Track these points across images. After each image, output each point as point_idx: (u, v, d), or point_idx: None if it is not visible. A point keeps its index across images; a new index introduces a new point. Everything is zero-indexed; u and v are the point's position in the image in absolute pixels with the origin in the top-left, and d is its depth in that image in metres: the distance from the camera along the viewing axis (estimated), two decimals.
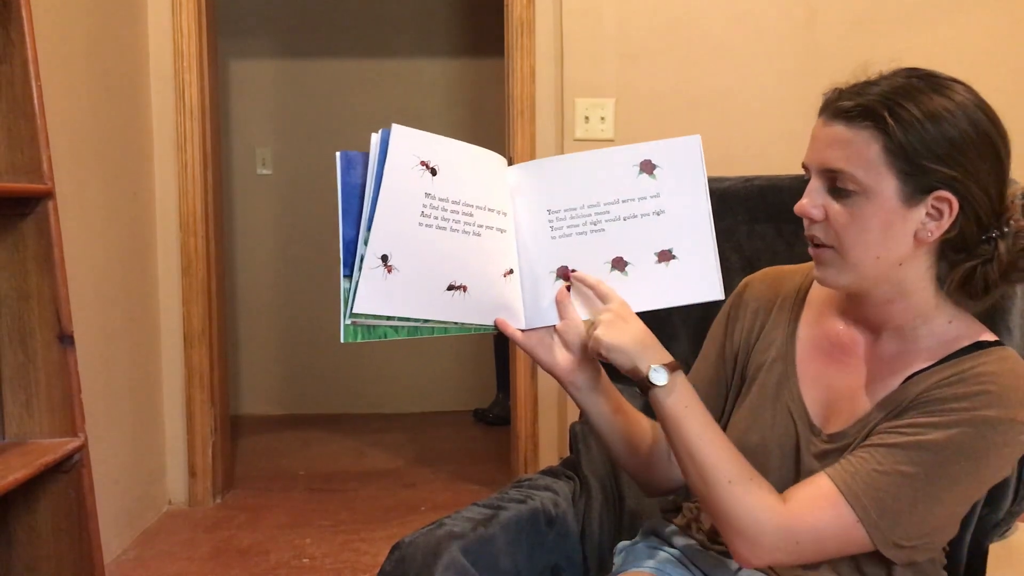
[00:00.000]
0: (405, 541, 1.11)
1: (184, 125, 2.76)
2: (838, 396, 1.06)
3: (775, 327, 1.14)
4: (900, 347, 1.03)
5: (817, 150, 0.98)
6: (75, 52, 2.30)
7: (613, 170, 1.08)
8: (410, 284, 1.02)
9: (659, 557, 1.17)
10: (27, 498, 1.65)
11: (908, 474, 0.93)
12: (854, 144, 0.94)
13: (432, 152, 1.03)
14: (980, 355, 0.98)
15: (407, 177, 1.01)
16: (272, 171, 4.14)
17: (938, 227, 0.95)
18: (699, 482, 1.00)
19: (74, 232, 2.15)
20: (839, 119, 0.96)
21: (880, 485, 0.94)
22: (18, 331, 1.64)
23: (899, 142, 0.92)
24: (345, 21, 4.11)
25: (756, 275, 1.22)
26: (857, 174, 0.94)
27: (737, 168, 1.59)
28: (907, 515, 0.94)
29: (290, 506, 2.89)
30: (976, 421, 0.93)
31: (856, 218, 0.96)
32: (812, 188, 0.99)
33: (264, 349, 4.16)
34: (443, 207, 1.03)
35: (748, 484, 0.98)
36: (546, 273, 1.10)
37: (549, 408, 2.79)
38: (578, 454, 1.48)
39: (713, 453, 0.99)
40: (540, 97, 2.71)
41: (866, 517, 0.94)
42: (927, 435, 0.94)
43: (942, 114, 0.93)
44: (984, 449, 0.93)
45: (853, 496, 0.94)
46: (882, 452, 0.95)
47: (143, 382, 2.70)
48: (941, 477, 0.93)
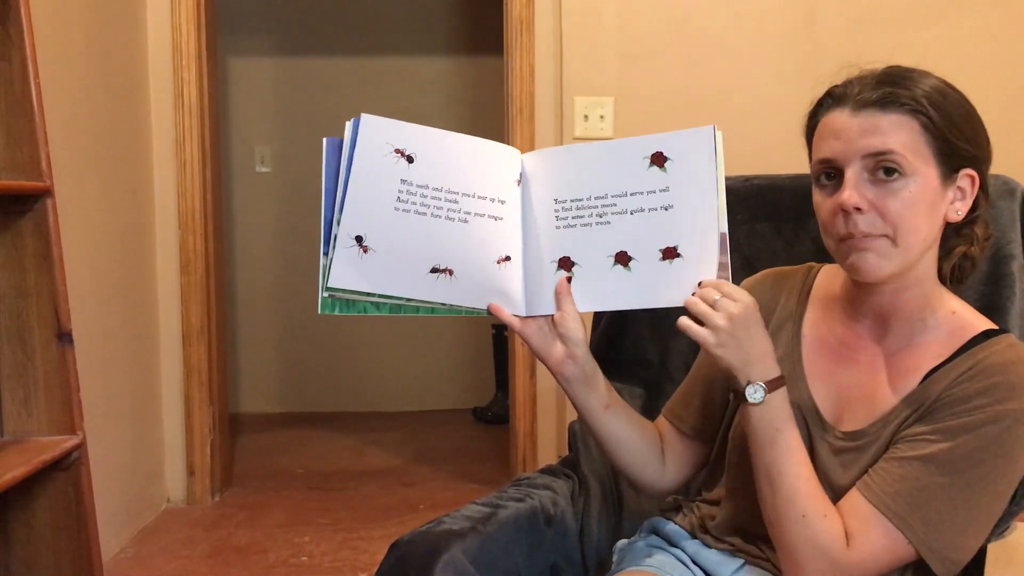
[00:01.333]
0: (404, 540, 1.11)
1: (183, 123, 2.76)
2: (851, 394, 1.06)
3: (779, 328, 1.14)
4: (909, 340, 1.03)
5: (850, 140, 0.97)
6: (74, 50, 2.29)
7: (623, 162, 1.06)
8: (389, 264, 1.06)
9: (658, 556, 1.17)
10: (25, 496, 1.64)
11: (946, 485, 0.94)
12: (897, 128, 0.96)
13: (407, 141, 1.06)
14: (990, 344, 0.99)
15: (379, 163, 1.04)
16: (271, 169, 4.14)
17: (964, 206, 0.99)
18: (771, 509, 1.00)
19: (73, 230, 2.15)
20: (869, 108, 0.96)
21: (922, 501, 0.94)
22: (17, 329, 1.64)
23: (936, 123, 0.95)
24: (344, 19, 4.11)
25: (755, 277, 1.22)
26: (908, 155, 0.95)
27: (737, 168, 1.58)
28: (950, 525, 0.94)
29: (289, 504, 2.89)
30: (1000, 416, 0.94)
31: (908, 202, 0.96)
32: (852, 180, 0.97)
33: (263, 347, 4.16)
34: (422, 193, 1.06)
35: (821, 523, 0.97)
36: (548, 262, 1.10)
37: (548, 407, 2.79)
38: (577, 453, 1.48)
39: (792, 485, 0.98)
40: (539, 95, 2.71)
41: (915, 537, 0.95)
42: (957, 440, 0.94)
43: (956, 97, 0.98)
44: (1011, 444, 0.94)
45: (900, 520, 0.95)
46: (916, 465, 0.95)
47: (142, 380, 2.70)
48: (977, 480, 0.94)
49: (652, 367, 1.54)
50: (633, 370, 1.54)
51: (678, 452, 1.20)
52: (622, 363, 1.55)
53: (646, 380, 1.54)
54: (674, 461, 1.20)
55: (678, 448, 1.20)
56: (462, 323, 4.17)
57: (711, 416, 1.20)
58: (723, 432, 1.18)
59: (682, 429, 1.21)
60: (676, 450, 1.20)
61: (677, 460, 1.20)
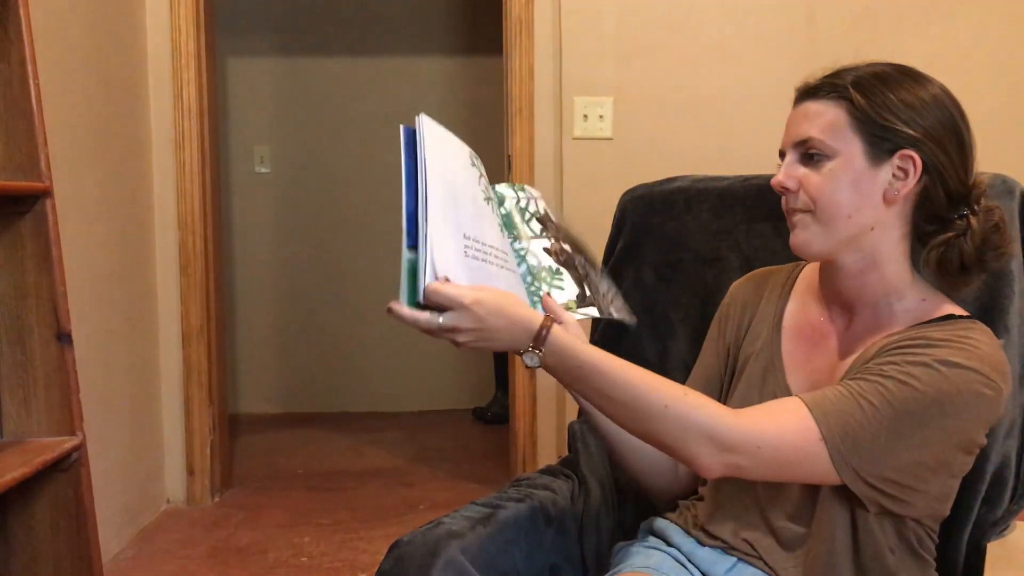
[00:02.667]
0: (403, 540, 1.11)
1: (182, 123, 2.76)
2: (820, 378, 1.09)
3: (762, 320, 1.18)
4: (876, 325, 1.06)
5: (788, 131, 1.06)
6: (73, 50, 2.29)
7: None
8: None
9: (656, 557, 1.17)
10: (25, 497, 1.64)
11: (874, 405, 0.95)
12: (822, 114, 1.02)
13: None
14: (946, 324, 1.01)
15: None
16: (270, 169, 4.13)
17: (904, 186, 1.01)
18: (634, 424, 1.00)
19: (72, 230, 2.15)
20: (807, 97, 1.05)
21: (846, 409, 0.96)
22: (16, 330, 1.64)
23: (862, 107, 1.00)
24: (343, 19, 4.11)
25: (744, 277, 1.26)
26: (826, 139, 1.01)
27: (736, 168, 1.59)
28: (869, 444, 0.95)
29: (289, 505, 2.89)
30: (940, 361, 0.95)
31: (827, 179, 1.01)
32: (786, 163, 1.06)
33: (262, 347, 4.16)
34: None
35: (687, 399, 0.97)
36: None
37: (548, 407, 2.79)
38: (577, 453, 1.48)
39: (631, 392, 0.97)
40: (539, 95, 2.71)
41: (829, 436, 0.95)
42: (893, 373, 0.96)
43: (909, 90, 1.01)
44: (949, 393, 0.95)
45: (820, 413, 0.96)
46: (850, 386, 0.98)
47: (141, 380, 2.70)
48: (905, 413, 0.95)
49: (651, 367, 1.52)
50: None
51: None
52: None
53: None
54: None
55: None
56: None
57: None
58: None
59: None
60: None
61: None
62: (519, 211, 1.17)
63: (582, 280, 1.17)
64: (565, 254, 1.17)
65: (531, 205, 1.19)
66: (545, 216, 1.19)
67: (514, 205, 1.18)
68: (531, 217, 1.18)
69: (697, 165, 1.80)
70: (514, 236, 1.15)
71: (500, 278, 1.03)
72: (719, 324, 1.24)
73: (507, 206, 1.17)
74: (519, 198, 1.18)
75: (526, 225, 1.17)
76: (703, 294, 1.49)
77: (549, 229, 1.18)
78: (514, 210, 1.17)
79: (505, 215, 1.16)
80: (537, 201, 1.20)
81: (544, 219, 1.19)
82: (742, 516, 1.12)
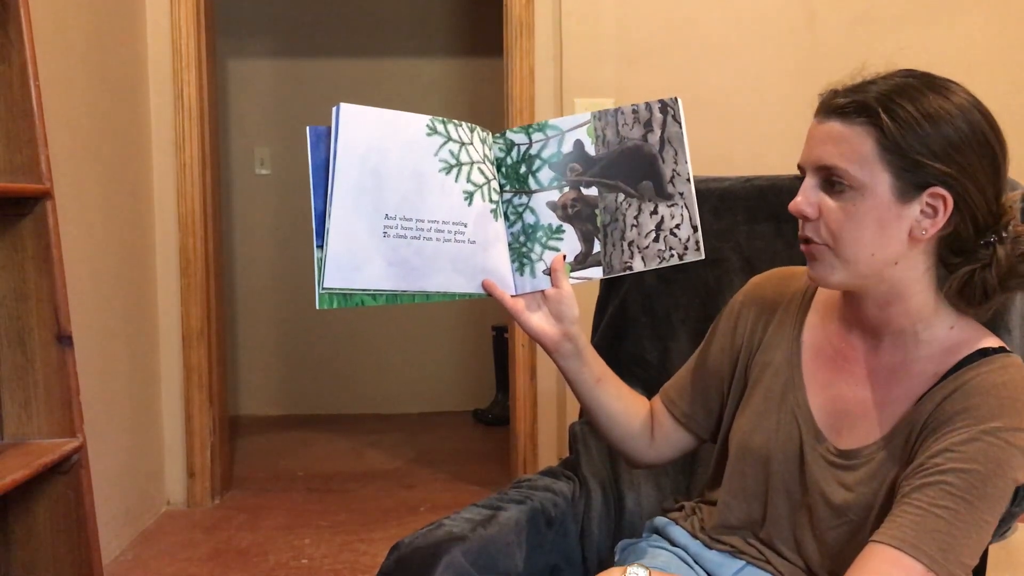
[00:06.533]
0: (404, 542, 1.11)
1: (182, 125, 2.76)
2: (849, 408, 1.05)
3: (780, 329, 1.14)
4: (902, 355, 1.02)
5: (811, 148, 0.99)
6: (74, 52, 2.29)
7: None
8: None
9: (663, 556, 1.17)
10: (26, 499, 1.64)
11: (950, 508, 0.92)
12: (848, 140, 0.95)
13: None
14: (981, 365, 0.97)
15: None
16: (271, 171, 4.14)
17: (932, 224, 0.95)
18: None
19: (72, 232, 2.15)
20: (833, 116, 0.96)
21: (931, 527, 0.92)
22: (16, 331, 1.64)
23: (893, 138, 0.93)
24: (344, 21, 4.11)
25: (763, 275, 1.21)
26: (851, 170, 0.94)
27: (737, 168, 1.59)
28: (962, 546, 0.92)
29: (289, 507, 2.89)
30: (985, 433, 0.92)
31: (850, 215, 0.96)
32: (806, 186, 0.99)
33: (263, 349, 4.16)
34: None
35: None
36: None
37: (548, 408, 2.79)
38: (577, 455, 1.48)
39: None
40: (539, 97, 2.71)
41: (932, 562, 0.91)
42: (950, 466, 0.92)
43: (939, 113, 0.94)
44: (1007, 459, 0.93)
45: (913, 548, 0.92)
46: (917, 501, 0.93)
47: (142, 382, 2.70)
48: (980, 499, 0.92)
49: (652, 367, 1.53)
50: (633, 370, 1.54)
51: (667, 433, 1.23)
52: (622, 363, 1.55)
53: (646, 380, 1.54)
54: (662, 440, 1.23)
55: (667, 429, 1.22)
56: (462, 325, 4.17)
57: (704, 408, 1.20)
58: (724, 435, 1.18)
59: (674, 413, 1.22)
60: (665, 430, 1.23)
61: (665, 440, 1.23)
62: (527, 160, 1.13)
63: (593, 234, 1.13)
64: (580, 203, 1.13)
65: (551, 145, 1.13)
66: (575, 153, 1.13)
67: (522, 154, 1.13)
68: (543, 164, 1.13)
69: (698, 166, 1.79)
70: (515, 191, 1.13)
71: (440, 253, 1.06)
72: (731, 320, 1.19)
73: (513, 155, 1.13)
74: (533, 142, 1.13)
75: (534, 176, 1.13)
76: (704, 295, 1.49)
77: (573, 171, 1.13)
78: (521, 160, 1.13)
79: (509, 167, 1.13)
80: (564, 136, 1.13)
81: (575, 157, 1.13)
82: (757, 526, 1.11)
